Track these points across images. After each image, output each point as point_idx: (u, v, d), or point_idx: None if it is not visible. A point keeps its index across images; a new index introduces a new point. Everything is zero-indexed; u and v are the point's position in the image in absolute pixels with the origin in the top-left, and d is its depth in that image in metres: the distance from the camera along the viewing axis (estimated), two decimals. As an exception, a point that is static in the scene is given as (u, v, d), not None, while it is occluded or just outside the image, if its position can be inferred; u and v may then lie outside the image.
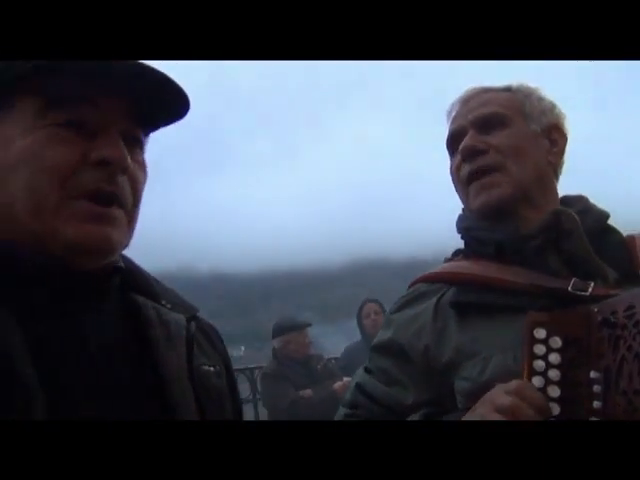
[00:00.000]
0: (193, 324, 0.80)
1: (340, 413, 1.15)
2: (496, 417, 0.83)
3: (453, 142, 1.15)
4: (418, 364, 1.06)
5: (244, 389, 5.09)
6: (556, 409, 0.85)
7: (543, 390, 0.87)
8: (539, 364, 0.88)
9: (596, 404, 0.83)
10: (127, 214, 0.71)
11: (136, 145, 0.74)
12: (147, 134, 0.77)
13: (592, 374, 0.84)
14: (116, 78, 0.69)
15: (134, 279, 0.78)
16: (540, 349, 0.89)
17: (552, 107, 1.17)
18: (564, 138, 1.16)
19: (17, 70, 0.67)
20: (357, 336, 4.34)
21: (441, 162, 1.24)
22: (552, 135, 1.14)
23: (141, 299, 0.76)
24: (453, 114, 1.17)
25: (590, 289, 0.95)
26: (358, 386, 1.14)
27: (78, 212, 0.67)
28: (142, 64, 0.69)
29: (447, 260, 1.21)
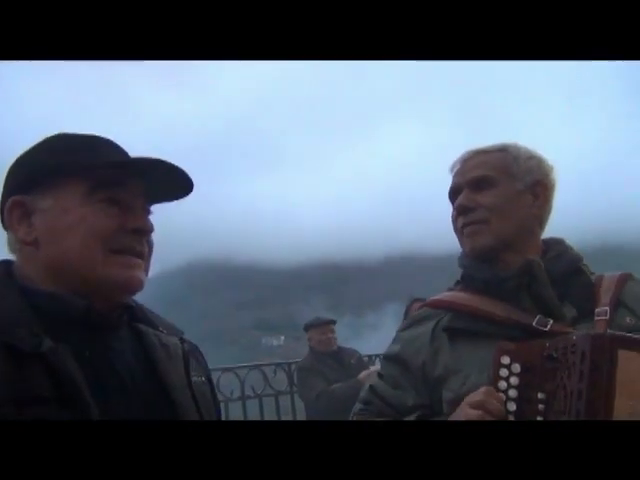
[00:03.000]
0: (186, 345, 1.06)
1: (356, 407, 1.43)
2: (471, 413, 1.10)
3: (453, 196, 1.41)
4: (417, 375, 1.32)
5: (282, 381, 5.32)
6: (511, 420, 1.10)
7: (503, 404, 1.12)
8: (502, 384, 1.13)
9: (539, 418, 1.08)
10: (145, 267, 0.98)
11: (148, 214, 0.99)
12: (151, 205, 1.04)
13: (539, 395, 1.09)
14: (139, 168, 0.96)
15: (137, 313, 1.02)
16: (504, 372, 1.14)
17: (538, 164, 1.39)
18: (547, 191, 1.38)
19: (71, 161, 0.92)
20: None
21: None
22: (536, 190, 1.36)
23: (144, 328, 1.01)
24: (454, 171, 1.42)
25: (549, 326, 1.20)
26: (371, 387, 1.42)
27: (121, 262, 0.92)
28: (159, 159, 0.94)
29: (449, 289, 1.47)
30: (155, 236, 1.00)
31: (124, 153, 1.00)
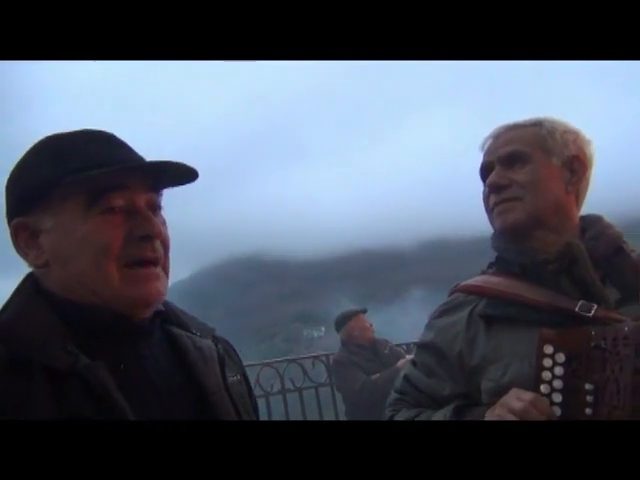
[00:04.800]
0: (220, 346, 1.02)
1: (391, 397, 1.39)
2: (510, 417, 1.03)
3: (484, 174, 1.34)
4: (453, 364, 1.26)
5: (321, 373, 5.30)
6: (558, 412, 1.04)
7: (548, 396, 1.05)
8: (546, 374, 1.07)
9: (588, 411, 1.01)
10: (164, 269, 0.94)
11: (157, 209, 0.94)
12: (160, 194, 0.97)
13: (587, 386, 1.02)
14: (138, 166, 0.90)
15: (169, 316, 0.99)
16: (548, 362, 1.07)
17: (575, 139, 1.30)
18: (584, 167, 1.29)
19: (62, 171, 0.86)
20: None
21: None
22: (573, 165, 1.28)
23: (177, 331, 0.98)
24: (485, 148, 1.35)
25: (593, 311, 1.12)
26: (405, 377, 1.37)
27: (137, 277, 0.88)
28: (154, 161, 0.90)
29: (482, 272, 1.39)
30: (188, 238, 0.94)
31: (120, 145, 0.93)
